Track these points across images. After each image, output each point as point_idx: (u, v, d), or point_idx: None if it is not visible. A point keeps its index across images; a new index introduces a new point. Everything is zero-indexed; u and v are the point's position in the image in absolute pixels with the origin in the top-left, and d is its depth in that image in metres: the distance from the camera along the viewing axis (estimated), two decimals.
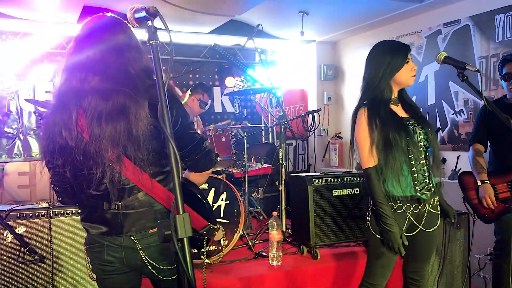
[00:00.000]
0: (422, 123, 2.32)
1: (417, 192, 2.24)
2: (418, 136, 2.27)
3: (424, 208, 2.29)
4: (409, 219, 2.27)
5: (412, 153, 2.22)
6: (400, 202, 2.24)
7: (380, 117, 2.23)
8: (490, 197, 3.00)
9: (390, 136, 2.19)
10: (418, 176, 2.25)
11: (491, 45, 4.59)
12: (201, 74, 6.74)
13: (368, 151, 2.24)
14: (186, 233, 1.07)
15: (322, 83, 7.06)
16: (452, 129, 5.06)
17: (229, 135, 4.07)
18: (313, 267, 3.50)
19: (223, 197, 3.70)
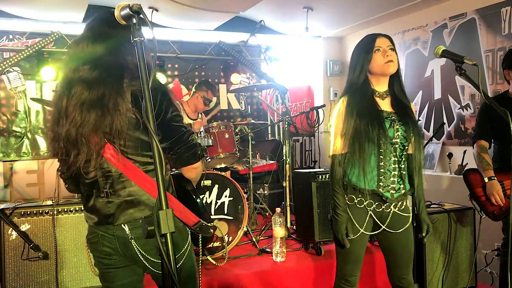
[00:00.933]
0: (405, 121, 2.23)
1: (379, 188, 2.19)
2: (394, 132, 2.20)
3: (389, 209, 2.23)
4: (371, 216, 2.23)
5: (384, 147, 2.17)
6: (361, 196, 2.20)
7: (357, 107, 2.20)
8: (499, 194, 2.96)
9: (362, 126, 2.15)
10: (385, 172, 2.20)
11: (498, 38, 4.53)
12: (207, 71, 6.75)
13: (337, 138, 2.22)
14: (169, 229, 1.07)
15: (328, 79, 7.03)
16: (458, 124, 5.01)
17: (232, 131, 4.07)
18: (317, 263, 3.50)
19: (226, 193, 3.71)
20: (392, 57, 2.22)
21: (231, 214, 3.73)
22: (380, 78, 2.28)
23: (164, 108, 1.72)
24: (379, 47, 2.24)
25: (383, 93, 2.29)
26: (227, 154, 3.98)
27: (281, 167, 4.52)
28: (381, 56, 2.22)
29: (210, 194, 3.64)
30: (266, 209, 4.96)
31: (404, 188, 2.25)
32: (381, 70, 2.23)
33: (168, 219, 1.07)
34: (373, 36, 2.29)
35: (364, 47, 2.29)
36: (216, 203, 3.67)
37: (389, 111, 2.26)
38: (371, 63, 2.24)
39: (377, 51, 2.23)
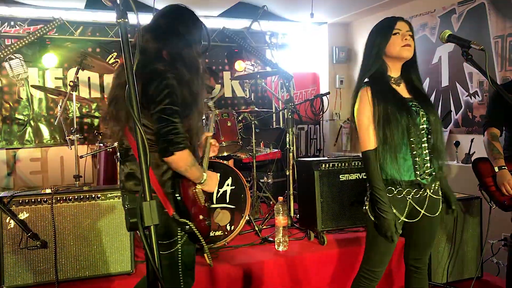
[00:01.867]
0: (426, 106, 2.21)
1: (417, 177, 2.15)
2: (420, 118, 2.17)
3: (425, 193, 2.20)
4: (410, 204, 2.18)
5: (414, 135, 2.13)
6: (400, 187, 2.15)
7: (382, 94, 2.14)
8: (510, 184, 2.87)
9: (390, 112, 2.09)
10: (419, 160, 2.15)
11: (507, 23, 4.41)
12: (211, 58, 6.65)
13: (369, 131, 2.15)
14: (153, 221, 1.02)
15: (334, 66, 6.93)
16: (466, 112, 4.91)
17: (235, 119, 4.01)
18: (319, 253, 3.46)
19: (228, 182, 3.66)
20: (410, 42, 2.17)
21: (233, 203, 3.68)
22: (395, 63, 2.22)
23: (161, 98, 1.81)
24: (398, 30, 2.18)
25: (397, 79, 2.24)
26: (229, 142, 3.92)
27: (285, 156, 4.46)
28: (399, 39, 2.16)
29: None
30: (269, 198, 4.91)
31: (434, 170, 2.21)
32: (398, 53, 2.17)
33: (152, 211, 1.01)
34: (394, 18, 2.23)
35: (383, 28, 2.23)
36: (218, 192, 3.62)
37: (408, 97, 2.22)
38: (388, 45, 2.18)
39: (396, 34, 2.17)
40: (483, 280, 3.63)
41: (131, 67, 1.06)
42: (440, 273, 3.49)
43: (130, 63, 1.06)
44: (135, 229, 1.03)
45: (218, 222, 3.64)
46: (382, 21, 2.27)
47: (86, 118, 5.94)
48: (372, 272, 2.27)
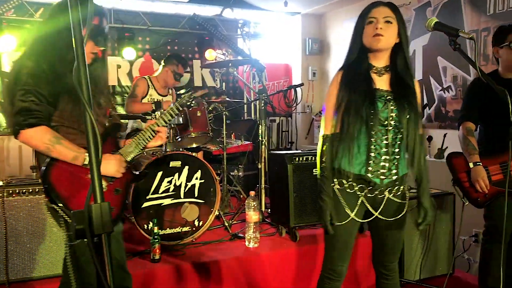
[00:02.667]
0: (401, 102, 2.01)
1: (367, 173, 2.01)
2: (387, 113, 2.00)
3: (382, 195, 2.06)
4: (362, 203, 2.06)
5: (375, 129, 1.98)
6: (351, 181, 2.03)
7: (352, 81, 2.01)
8: (484, 180, 2.80)
9: (352, 101, 1.97)
10: (375, 155, 2.00)
11: (482, 18, 4.37)
12: (180, 46, 6.42)
13: (329, 115, 2.05)
14: (104, 229, 0.84)
15: (307, 58, 6.82)
16: (439, 106, 4.87)
17: (205, 110, 3.82)
18: (291, 250, 3.33)
19: (197, 175, 3.47)
20: (384, 31, 1.98)
21: (202, 197, 3.50)
22: (376, 53, 2.06)
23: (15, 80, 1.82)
24: (373, 18, 2.01)
25: (382, 69, 2.08)
26: (199, 133, 3.73)
27: (256, 148, 4.31)
28: (371, 29, 2.00)
29: (179, 176, 3.40)
30: (240, 192, 4.75)
31: (396, 174, 2.05)
32: (369, 44, 2.02)
33: (104, 216, 0.82)
34: (370, 5, 2.06)
35: (360, 17, 2.08)
36: (186, 185, 3.44)
37: (384, 90, 2.05)
38: (363, 35, 2.03)
39: (369, 23, 2.01)
40: (455, 276, 3.60)
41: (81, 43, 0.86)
42: (413, 270, 3.43)
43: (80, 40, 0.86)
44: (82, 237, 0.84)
45: (186, 217, 3.46)
46: (364, 8, 2.10)
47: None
48: (333, 271, 2.16)
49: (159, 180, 3.35)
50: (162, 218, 3.37)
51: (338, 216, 2.05)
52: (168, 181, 3.38)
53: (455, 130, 3.10)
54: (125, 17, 5.97)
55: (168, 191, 3.39)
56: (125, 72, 6.09)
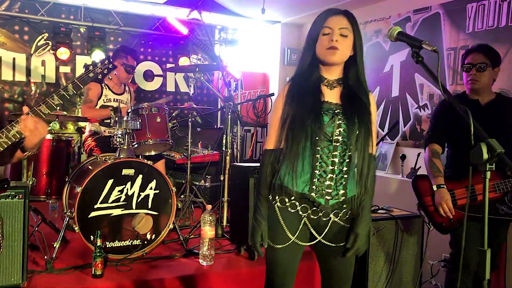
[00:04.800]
0: (351, 116, 1.84)
1: (311, 192, 1.82)
2: (334, 127, 1.82)
3: (327, 218, 1.87)
4: (305, 224, 1.88)
5: (320, 144, 1.81)
6: (294, 199, 1.85)
7: (298, 94, 1.85)
8: (447, 204, 2.65)
9: (297, 115, 1.81)
10: (320, 173, 1.82)
11: (461, 36, 4.25)
12: (154, 48, 6.20)
13: (273, 129, 1.90)
14: None
15: (285, 68, 6.64)
16: (414, 124, 4.73)
17: (165, 115, 3.59)
18: (247, 270, 3.12)
19: (152, 185, 3.25)
20: (339, 44, 1.82)
21: (156, 209, 3.27)
22: (326, 65, 1.90)
23: None
24: (329, 28, 1.84)
25: (333, 82, 1.91)
26: (157, 140, 3.50)
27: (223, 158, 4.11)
28: (326, 41, 1.84)
29: (132, 185, 3.17)
30: (204, 203, 4.53)
31: (344, 195, 1.86)
32: (324, 56, 1.85)
33: None
34: (326, 13, 1.89)
35: (314, 24, 1.91)
36: (139, 195, 3.21)
37: (333, 103, 1.87)
38: (316, 46, 1.86)
39: (324, 34, 1.84)
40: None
41: None
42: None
43: None
44: None
45: (137, 230, 3.22)
46: (318, 15, 1.93)
47: (7, 103, 5.34)
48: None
49: (109, 188, 3.12)
50: (111, 229, 3.14)
51: (278, 238, 1.87)
52: (120, 190, 3.15)
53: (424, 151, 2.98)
54: (96, 16, 5.73)
55: (118, 201, 3.16)
56: None
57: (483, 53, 2.71)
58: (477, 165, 1.38)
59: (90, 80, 1.95)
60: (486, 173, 1.35)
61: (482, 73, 2.69)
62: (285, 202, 1.86)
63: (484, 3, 4.04)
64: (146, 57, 6.16)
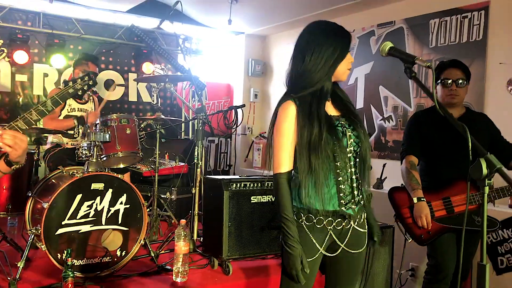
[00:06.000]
0: (354, 124, 1.91)
1: (341, 207, 1.85)
2: (348, 140, 1.86)
3: (349, 225, 1.90)
4: (330, 236, 1.88)
5: (340, 160, 1.83)
6: (320, 216, 1.84)
7: (311, 113, 1.81)
8: (426, 217, 2.69)
9: (317, 136, 1.78)
10: (345, 187, 1.85)
11: (424, 50, 4.40)
12: (115, 57, 6.03)
13: (286, 152, 1.83)
14: None
15: (249, 79, 6.65)
16: (379, 136, 4.84)
17: (135, 127, 3.49)
18: (222, 285, 3.05)
19: (122, 200, 3.12)
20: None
21: (126, 224, 3.14)
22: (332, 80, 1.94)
23: None
24: (349, 50, 1.92)
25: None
26: (127, 153, 3.39)
27: (192, 170, 4.01)
28: (348, 60, 1.90)
29: (101, 200, 3.04)
30: (171, 217, 4.42)
31: (362, 199, 1.93)
32: (342, 76, 1.92)
33: None
34: (348, 33, 1.93)
35: (343, 43, 1.89)
36: (108, 211, 3.07)
37: (336, 115, 1.90)
38: (339, 66, 1.88)
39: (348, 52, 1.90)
40: None
41: None
42: None
43: None
44: None
45: (107, 246, 3.08)
46: (337, 28, 1.93)
47: None
48: None
49: (77, 203, 2.97)
50: (80, 246, 2.99)
51: (307, 251, 1.84)
52: (88, 205, 3.00)
53: (395, 160, 3.02)
54: (56, 23, 5.51)
55: (87, 217, 3.01)
56: (52, 81, 5.60)
57: (461, 69, 2.79)
58: (476, 180, 1.39)
59: (70, 96, 1.87)
60: (485, 188, 1.37)
61: (461, 88, 2.77)
62: (311, 219, 1.85)
63: (446, 20, 4.20)
64: (108, 66, 5.98)
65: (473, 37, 4.02)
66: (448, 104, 2.80)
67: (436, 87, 2.90)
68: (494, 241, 3.52)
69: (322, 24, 1.95)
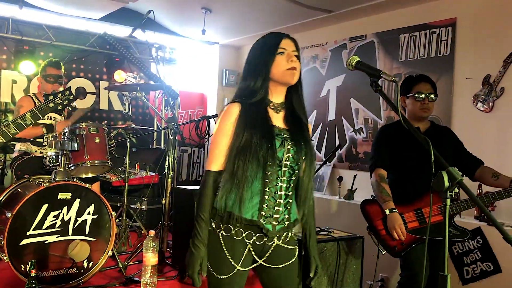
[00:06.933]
0: (298, 140, 1.85)
1: (260, 218, 1.78)
2: (284, 152, 1.81)
3: (271, 242, 1.84)
4: (249, 250, 1.82)
5: (271, 169, 1.78)
6: (239, 227, 1.79)
7: (250, 118, 1.79)
8: (401, 228, 2.72)
9: (251, 142, 1.75)
10: (269, 199, 1.80)
11: (394, 64, 4.50)
12: (87, 65, 5.94)
13: (220, 151, 1.79)
14: None
15: (223, 89, 6.65)
16: (350, 147, 4.90)
17: (105, 136, 3.43)
18: None
19: (90, 210, 3.07)
20: (296, 64, 1.84)
21: (94, 234, 3.09)
22: (278, 87, 1.87)
23: None
24: (283, 49, 1.83)
25: (278, 105, 1.89)
26: (96, 162, 3.33)
27: (163, 180, 3.97)
28: (284, 60, 1.82)
29: (68, 210, 2.98)
30: (141, 227, 4.35)
31: (288, 220, 1.85)
32: (282, 77, 1.83)
33: None
34: (279, 35, 1.87)
35: (266, 46, 1.87)
36: (75, 221, 3.01)
37: (281, 127, 1.85)
38: (272, 66, 1.83)
39: (281, 53, 1.83)
40: None
41: None
42: None
43: None
44: None
45: (73, 257, 3.02)
46: (264, 36, 1.92)
47: None
48: None
49: (43, 213, 2.91)
50: (45, 258, 2.92)
51: (222, 268, 1.78)
52: (55, 215, 2.95)
53: (365, 172, 3.05)
54: (26, 29, 5.41)
55: (54, 227, 2.95)
56: (21, 88, 5.48)
57: (430, 84, 2.86)
58: (438, 192, 1.42)
59: (50, 111, 1.84)
60: (447, 200, 1.40)
61: (432, 102, 2.83)
62: (230, 230, 1.78)
63: (416, 35, 4.31)
64: (79, 73, 5.89)
65: (441, 52, 4.13)
66: (419, 118, 2.85)
67: (404, 101, 2.94)
68: (460, 252, 3.60)
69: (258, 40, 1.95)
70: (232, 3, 4.95)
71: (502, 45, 3.70)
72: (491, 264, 3.43)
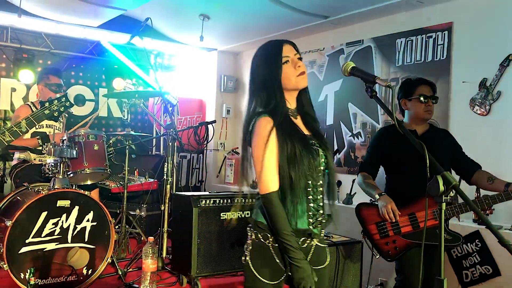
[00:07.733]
0: (323, 144, 1.91)
1: (309, 225, 1.83)
2: (320, 159, 1.86)
3: (311, 243, 1.88)
4: None
5: (311, 178, 1.81)
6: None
7: (283, 129, 1.79)
8: (392, 207, 2.71)
9: (297, 152, 1.76)
10: (314, 206, 1.83)
11: (391, 69, 4.52)
12: (86, 72, 5.97)
13: (273, 169, 1.78)
14: None
15: (221, 95, 6.68)
16: (348, 152, 4.91)
17: (103, 143, 3.45)
18: None
19: (89, 217, 3.08)
20: (303, 67, 1.87)
21: (93, 242, 3.10)
22: (292, 93, 1.90)
23: None
24: (287, 57, 1.85)
25: (294, 111, 1.92)
26: (95, 169, 3.34)
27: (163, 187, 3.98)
28: (291, 68, 1.84)
29: (67, 217, 2.99)
30: (140, 234, 4.36)
31: (325, 219, 1.90)
32: (295, 84, 1.86)
33: None
34: (277, 43, 1.89)
35: (269, 58, 1.88)
36: (74, 228, 3.02)
37: (309, 135, 1.88)
38: (282, 77, 1.84)
39: (286, 62, 1.85)
40: None
41: None
42: None
43: None
44: None
45: (72, 265, 3.02)
46: (265, 47, 1.93)
47: None
48: None
49: (43, 221, 2.92)
50: (45, 265, 2.92)
51: (274, 274, 1.80)
52: (54, 222, 2.96)
53: None
54: (25, 37, 5.45)
55: (53, 234, 2.96)
56: (20, 96, 5.51)
57: (430, 87, 2.87)
58: (434, 197, 1.43)
59: (45, 118, 1.85)
60: (442, 205, 1.41)
61: (434, 105, 2.85)
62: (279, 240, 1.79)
63: (412, 39, 4.34)
64: (78, 81, 5.92)
65: (437, 56, 4.15)
66: (423, 120, 2.86)
67: (405, 104, 2.93)
68: (459, 255, 3.60)
69: (260, 48, 1.96)
70: (229, 9, 4.98)
71: (498, 48, 3.72)
72: (490, 267, 3.43)
